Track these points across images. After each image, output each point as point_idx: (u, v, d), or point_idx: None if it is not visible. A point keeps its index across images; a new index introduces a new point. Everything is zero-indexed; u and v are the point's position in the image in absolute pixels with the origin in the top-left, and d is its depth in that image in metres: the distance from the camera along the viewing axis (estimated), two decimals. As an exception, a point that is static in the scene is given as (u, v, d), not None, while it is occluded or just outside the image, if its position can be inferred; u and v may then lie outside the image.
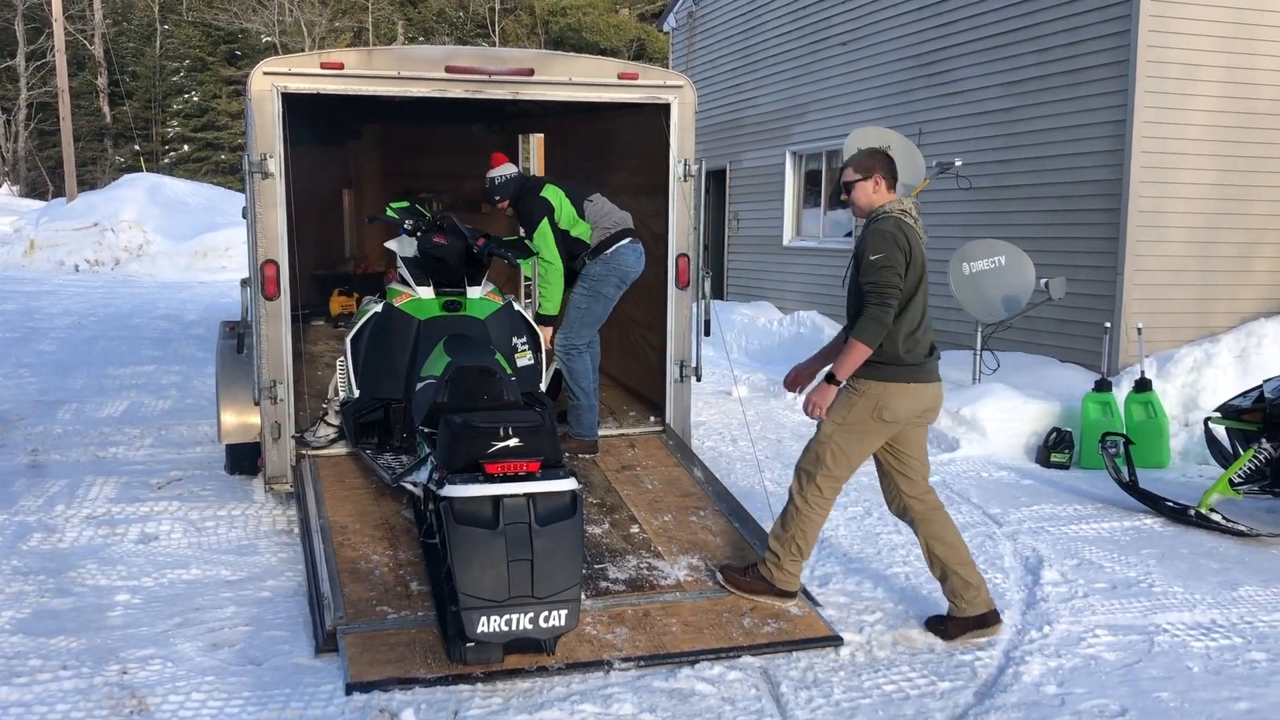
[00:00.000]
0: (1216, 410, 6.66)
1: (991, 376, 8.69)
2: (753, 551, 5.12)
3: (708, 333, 6.51)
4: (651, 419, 6.86)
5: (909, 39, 11.44)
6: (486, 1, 43.84)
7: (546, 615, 3.91)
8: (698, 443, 7.40)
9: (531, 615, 3.89)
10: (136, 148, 41.17)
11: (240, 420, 6.20)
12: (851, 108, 12.45)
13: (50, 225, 23.87)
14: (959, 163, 9.38)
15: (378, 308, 5.82)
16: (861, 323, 4.29)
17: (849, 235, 12.69)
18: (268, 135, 5.63)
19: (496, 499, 3.92)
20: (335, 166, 11.18)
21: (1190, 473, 7.55)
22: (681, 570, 4.96)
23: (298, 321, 6.04)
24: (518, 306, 6.04)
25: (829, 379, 4.40)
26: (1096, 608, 4.93)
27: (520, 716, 3.80)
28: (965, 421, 8.05)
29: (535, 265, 6.20)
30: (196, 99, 42.05)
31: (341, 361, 5.96)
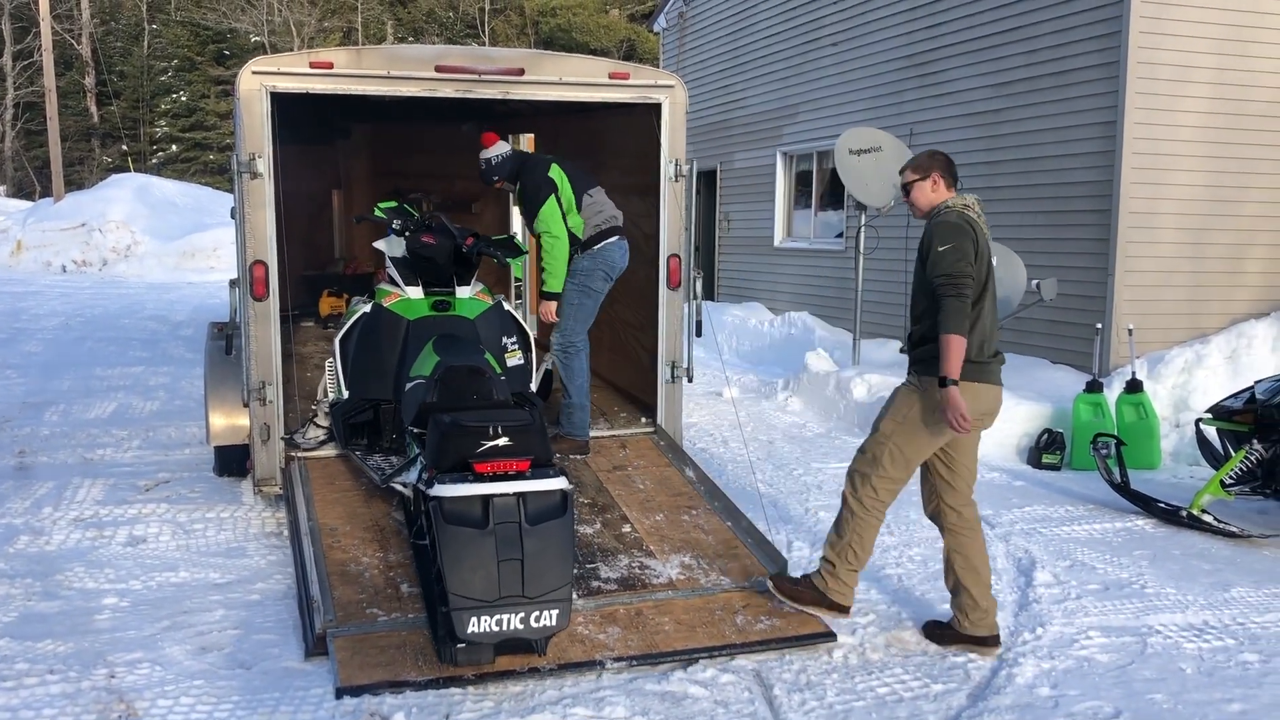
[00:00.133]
0: (1208, 411, 6.67)
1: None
2: (746, 550, 5.09)
3: (699, 333, 6.49)
4: (643, 420, 6.83)
5: (900, 40, 11.45)
6: (476, 2, 43.76)
7: (537, 615, 3.89)
8: (689, 444, 7.38)
9: (522, 615, 3.86)
10: (124, 148, 41.03)
11: (229, 422, 6.17)
12: (842, 108, 12.46)
13: (37, 226, 23.75)
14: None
15: (367, 308, 5.79)
16: (944, 316, 4.14)
17: (839, 236, 12.69)
18: (256, 135, 5.59)
19: (486, 498, 3.90)
20: (324, 166, 11.16)
21: (1181, 474, 7.56)
22: (674, 569, 4.93)
23: (287, 322, 6.00)
24: (507, 306, 6.01)
25: (941, 384, 4.15)
26: (1089, 609, 4.93)
27: (512, 720, 3.78)
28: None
29: (525, 264, 6.17)
30: (184, 99, 41.91)
31: (330, 362, 5.92)
